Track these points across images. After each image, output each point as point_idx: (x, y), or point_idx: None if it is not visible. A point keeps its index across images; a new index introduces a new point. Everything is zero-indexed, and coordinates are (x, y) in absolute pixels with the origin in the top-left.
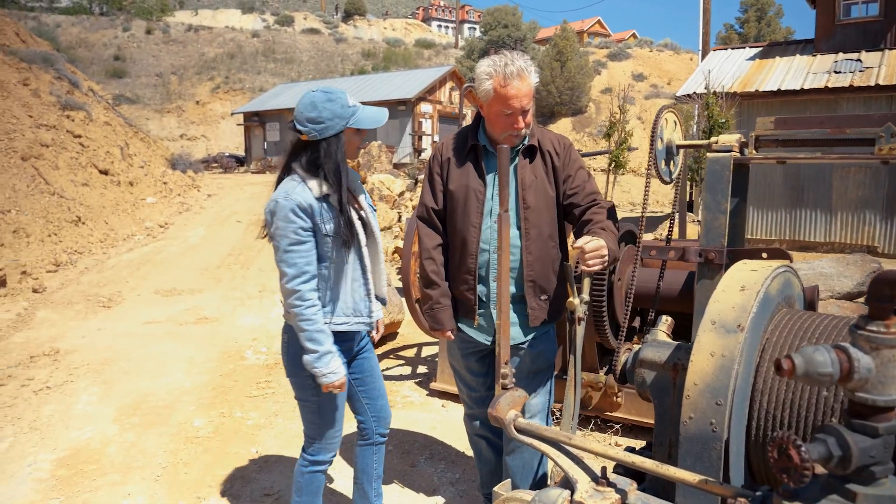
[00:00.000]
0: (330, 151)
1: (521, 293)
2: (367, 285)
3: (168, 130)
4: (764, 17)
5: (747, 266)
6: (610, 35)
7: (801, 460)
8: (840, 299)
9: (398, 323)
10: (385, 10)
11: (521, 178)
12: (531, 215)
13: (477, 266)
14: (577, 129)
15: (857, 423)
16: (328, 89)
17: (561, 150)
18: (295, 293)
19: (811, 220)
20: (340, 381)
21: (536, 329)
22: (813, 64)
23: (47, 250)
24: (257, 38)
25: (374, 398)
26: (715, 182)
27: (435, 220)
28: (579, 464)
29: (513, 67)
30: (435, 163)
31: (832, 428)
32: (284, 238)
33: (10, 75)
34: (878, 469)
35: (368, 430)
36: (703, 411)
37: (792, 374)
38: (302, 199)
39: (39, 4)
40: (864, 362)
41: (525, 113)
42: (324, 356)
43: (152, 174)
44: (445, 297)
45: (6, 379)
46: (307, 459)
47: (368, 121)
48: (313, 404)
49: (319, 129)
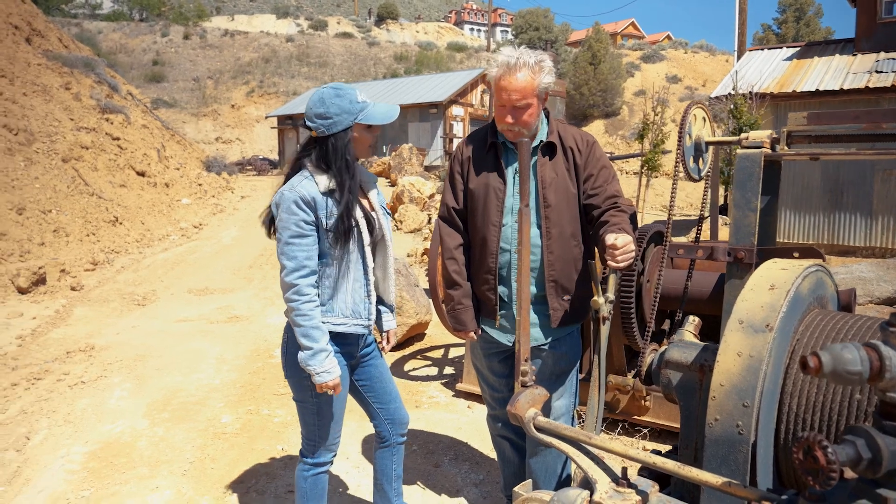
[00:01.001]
0: (338, 147)
1: (542, 293)
2: (368, 286)
3: (204, 133)
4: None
5: (777, 265)
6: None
7: (828, 462)
8: (879, 304)
9: (426, 324)
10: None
11: (540, 175)
12: (552, 214)
13: (497, 266)
14: (609, 132)
15: (888, 425)
16: (338, 85)
17: (583, 146)
18: (293, 287)
19: (851, 223)
20: (334, 382)
21: (558, 330)
22: (853, 64)
23: (86, 249)
24: (291, 43)
25: (385, 402)
26: (745, 179)
27: (456, 219)
28: (599, 464)
29: (515, 61)
30: (455, 162)
31: (862, 429)
32: (286, 230)
33: (53, 79)
34: None
35: (385, 434)
36: (729, 413)
37: (819, 372)
38: (306, 192)
39: (82, 11)
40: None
41: (517, 109)
42: (318, 353)
43: (188, 176)
44: (467, 298)
45: (43, 373)
46: (308, 463)
47: (379, 117)
48: (312, 406)
49: (327, 125)
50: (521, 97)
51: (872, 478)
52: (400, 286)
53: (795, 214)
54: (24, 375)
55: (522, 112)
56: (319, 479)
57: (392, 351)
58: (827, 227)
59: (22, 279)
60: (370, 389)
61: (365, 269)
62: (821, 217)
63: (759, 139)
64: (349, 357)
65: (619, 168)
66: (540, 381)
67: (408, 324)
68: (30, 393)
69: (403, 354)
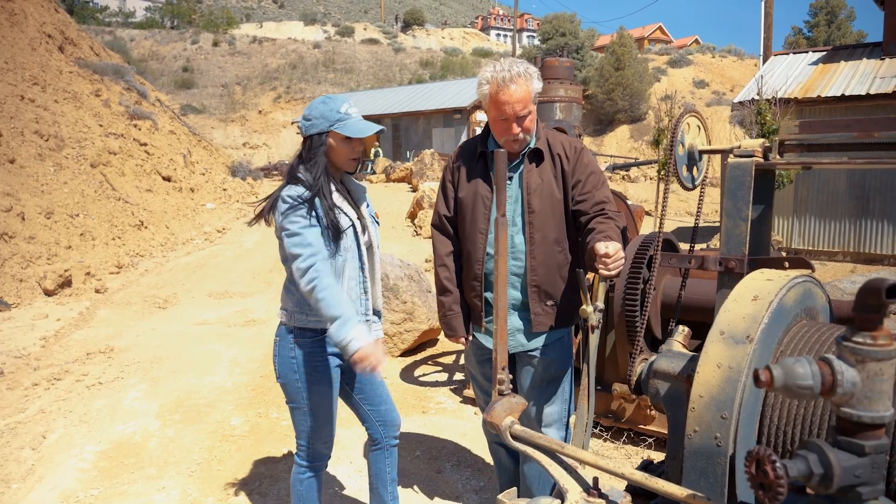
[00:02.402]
0: (313, 147)
1: (526, 299)
2: (364, 283)
3: (232, 139)
4: (834, 20)
5: (763, 275)
6: (671, 41)
7: (776, 477)
8: None
9: (438, 329)
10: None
11: (526, 181)
12: (536, 220)
13: (483, 272)
14: (634, 137)
15: (842, 441)
16: (331, 96)
17: (571, 153)
18: (311, 266)
19: (878, 231)
20: (367, 349)
21: (544, 336)
22: (881, 68)
23: (111, 253)
24: (318, 49)
25: (376, 404)
26: (736, 188)
27: (448, 227)
28: (572, 473)
29: (507, 73)
30: (448, 171)
31: (814, 444)
32: (294, 223)
33: (84, 86)
34: (865, 490)
35: (378, 437)
36: (707, 424)
37: (770, 386)
38: (304, 195)
39: (115, 20)
40: (849, 376)
41: (521, 119)
42: (347, 322)
43: (213, 181)
44: (457, 304)
45: (63, 374)
46: (303, 466)
47: (352, 130)
48: (304, 408)
49: (306, 126)
50: (523, 106)
51: (826, 493)
52: (412, 292)
53: (821, 222)
54: (45, 376)
55: (524, 120)
56: (315, 482)
57: (403, 356)
58: (853, 235)
59: (48, 281)
60: (361, 391)
61: (361, 266)
62: (847, 224)
63: (750, 148)
64: (342, 357)
65: (642, 174)
66: (531, 387)
67: (419, 329)
68: (49, 393)
69: (415, 360)
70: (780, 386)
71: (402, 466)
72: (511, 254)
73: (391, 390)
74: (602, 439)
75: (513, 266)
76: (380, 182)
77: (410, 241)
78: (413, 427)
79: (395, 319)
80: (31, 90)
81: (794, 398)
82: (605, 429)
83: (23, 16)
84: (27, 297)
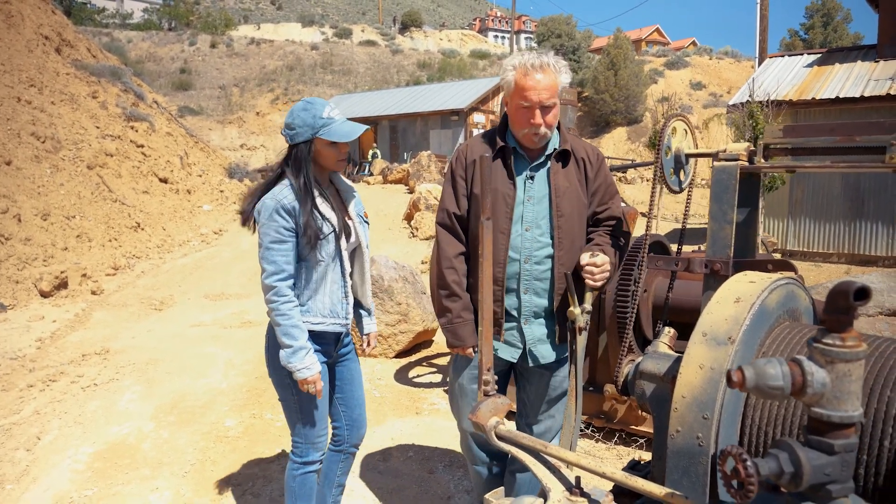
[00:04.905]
0: (299, 156)
1: (551, 307)
2: (345, 287)
3: (229, 140)
4: (830, 22)
5: (746, 277)
6: (669, 43)
7: (747, 475)
8: (890, 316)
9: (433, 331)
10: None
11: (554, 184)
12: (564, 224)
13: (505, 276)
14: (632, 139)
15: (813, 440)
16: (311, 100)
17: (594, 160)
18: (272, 289)
19: (872, 232)
20: (314, 377)
21: (564, 347)
22: (875, 70)
23: (108, 254)
24: (316, 51)
25: (350, 406)
26: (721, 192)
27: (457, 226)
28: (555, 473)
29: (536, 60)
30: (458, 165)
31: (786, 443)
32: (266, 236)
33: (81, 88)
34: (835, 488)
35: (341, 438)
36: (689, 425)
37: (742, 387)
38: (287, 200)
39: (113, 21)
40: (819, 376)
41: (546, 109)
42: (298, 351)
43: (210, 182)
44: (468, 311)
45: (58, 376)
46: (296, 461)
47: (338, 134)
48: (294, 403)
49: (291, 135)
50: (550, 95)
51: (796, 491)
52: (407, 293)
53: (816, 223)
54: (41, 377)
55: (548, 111)
56: (308, 479)
57: (398, 358)
58: (848, 237)
59: (44, 283)
60: (339, 390)
61: (342, 271)
62: (841, 226)
63: (735, 152)
64: (327, 355)
65: (639, 175)
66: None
67: (414, 331)
68: (44, 394)
69: (409, 361)
70: (752, 386)
71: (395, 467)
72: (534, 258)
73: (386, 391)
74: (594, 440)
75: (536, 271)
76: (377, 183)
77: (407, 243)
78: (406, 428)
79: (390, 321)
80: (27, 92)
81: (766, 398)
82: (598, 429)
83: (19, 17)
84: (23, 299)
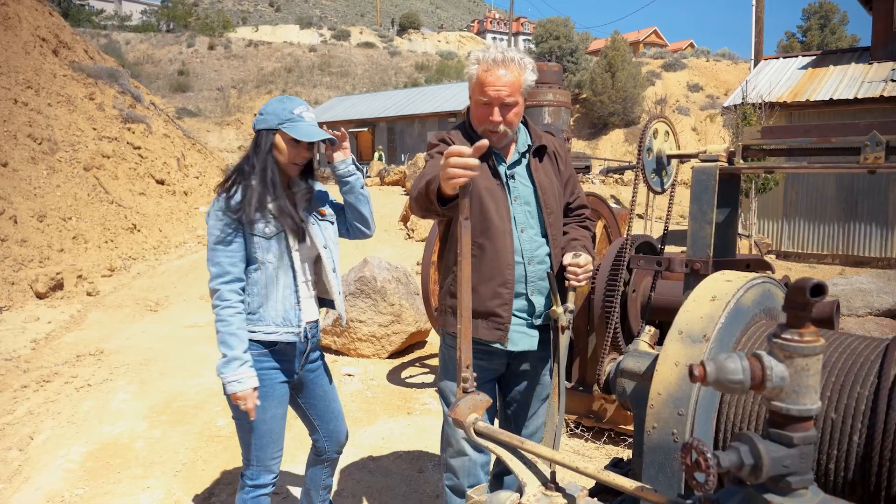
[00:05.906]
0: (259, 143)
1: (548, 307)
2: (298, 293)
3: (227, 142)
4: (827, 24)
5: (723, 276)
6: (666, 45)
7: (707, 466)
8: (879, 316)
9: (426, 331)
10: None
11: (538, 181)
12: (554, 221)
13: (514, 278)
14: (629, 141)
15: (773, 433)
16: (290, 97)
17: (562, 151)
18: (215, 292)
19: (866, 234)
20: (245, 393)
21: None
22: (869, 72)
23: (104, 256)
24: (314, 53)
25: (326, 420)
26: (701, 192)
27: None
28: (532, 468)
29: (500, 56)
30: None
31: (747, 436)
32: (211, 236)
33: (78, 90)
34: (794, 479)
35: (322, 449)
36: (665, 421)
37: (704, 381)
38: (234, 200)
39: (111, 23)
40: (778, 371)
41: (506, 107)
42: (232, 361)
43: (207, 184)
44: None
45: (52, 376)
46: (248, 485)
47: (300, 132)
48: (247, 423)
49: (257, 120)
50: (510, 92)
51: (756, 482)
52: (400, 294)
53: (810, 224)
54: (35, 378)
55: (509, 110)
56: (260, 501)
57: (391, 358)
58: (842, 238)
59: (40, 284)
60: (312, 408)
61: (294, 275)
62: (835, 227)
63: (715, 153)
64: (289, 374)
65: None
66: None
67: (407, 332)
68: (38, 395)
69: (402, 362)
70: (713, 380)
71: (385, 466)
72: (536, 259)
73: (378, 391)
74: (584, 440)
75: (539, 271)
76: (374, 185)
77: (403, 245)
78: (398, 427)
79: (383, 322)
80: (24, 94)
81: (728, 392)
82: (587, 429)
83: (17, 19)
84: (18, 300)
